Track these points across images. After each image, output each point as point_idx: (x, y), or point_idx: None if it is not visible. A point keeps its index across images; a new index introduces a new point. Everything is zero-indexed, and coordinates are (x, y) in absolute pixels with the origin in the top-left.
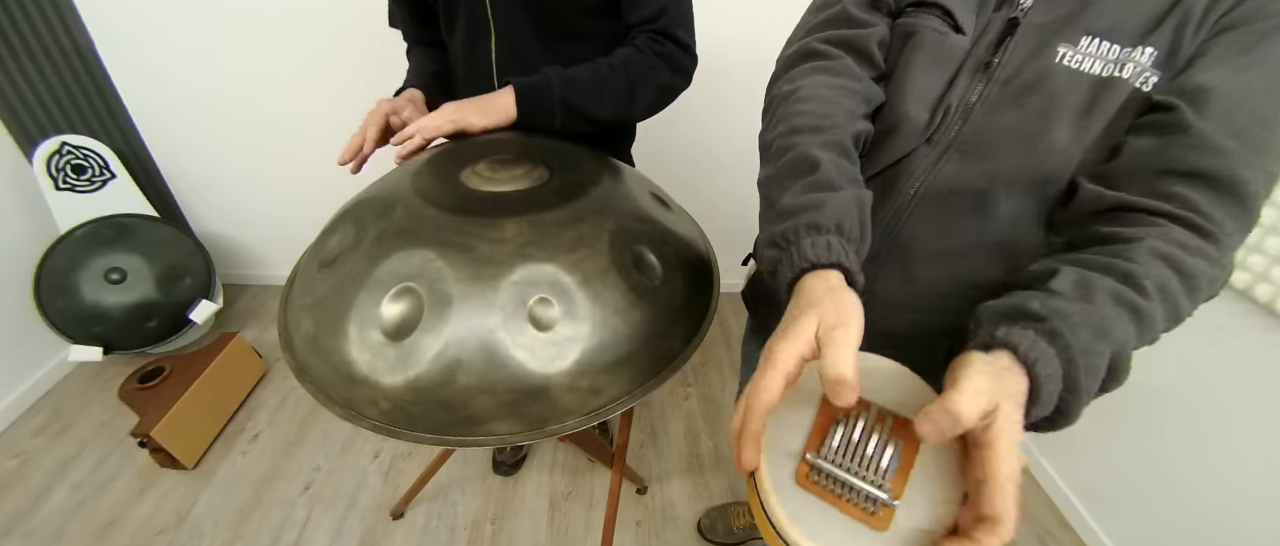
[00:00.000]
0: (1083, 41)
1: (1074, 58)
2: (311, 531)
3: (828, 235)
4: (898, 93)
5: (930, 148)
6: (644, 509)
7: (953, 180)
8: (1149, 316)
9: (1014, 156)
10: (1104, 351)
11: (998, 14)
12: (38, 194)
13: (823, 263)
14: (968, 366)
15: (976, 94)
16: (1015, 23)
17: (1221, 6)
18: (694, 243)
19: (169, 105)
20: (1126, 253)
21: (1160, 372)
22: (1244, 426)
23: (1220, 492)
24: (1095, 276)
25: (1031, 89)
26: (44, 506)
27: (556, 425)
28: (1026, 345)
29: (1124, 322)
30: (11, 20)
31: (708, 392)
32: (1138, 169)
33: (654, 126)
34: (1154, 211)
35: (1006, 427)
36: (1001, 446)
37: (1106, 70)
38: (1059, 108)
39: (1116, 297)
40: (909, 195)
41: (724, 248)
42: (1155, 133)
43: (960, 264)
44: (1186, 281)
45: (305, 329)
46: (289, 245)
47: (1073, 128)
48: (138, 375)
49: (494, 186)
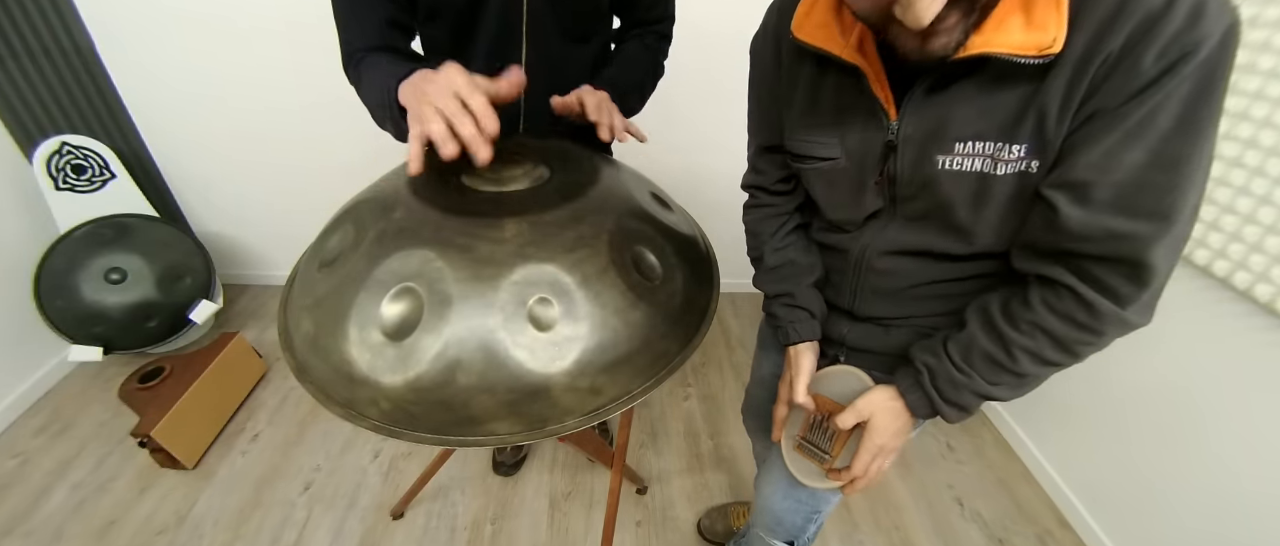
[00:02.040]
0: (956, 146)
1: (953, 162)
2: (311, 531)
3: (788, 330)
4: (822, 202)
5: (877, 219)
6: (644, 509)
7: (896, 242)
8: (1016, 372)
9: (934, 231)
10: (963, 392)
11: (876, 137)
12: (38, 194)
13: (790, 342)
14: (865, 396)
15: (886, 194)
16: (892, 145)
17: (1077, 97)
18: (694, 242)
19: (169, 105)
20: (1016, 323)
21: (1160, 373)
22: (1244, 426)
23: (1220, 492)
24: (982, 343)
25: (927, 188)
26: (44, 506)
27: (556, 425)
28: (904, 386)
29: (992, 374)
30: (11, 20)
31: (708, 392)
32: (1038, 247)
33: (654, 126)
34: (1054, 281)
35: (874, 426)
36: (868, 435)
37: (985, 166)
38: (953, 200)
39: (988, 358)
40: (865, 252)
41: (724, 248)
42: (1045, 224)
43: (916, 287)
44: (1059, 346)
45: (305, 329)
46: (289, 245)
47: (971, 213)
48: (138, 375)
49: (494, 186)
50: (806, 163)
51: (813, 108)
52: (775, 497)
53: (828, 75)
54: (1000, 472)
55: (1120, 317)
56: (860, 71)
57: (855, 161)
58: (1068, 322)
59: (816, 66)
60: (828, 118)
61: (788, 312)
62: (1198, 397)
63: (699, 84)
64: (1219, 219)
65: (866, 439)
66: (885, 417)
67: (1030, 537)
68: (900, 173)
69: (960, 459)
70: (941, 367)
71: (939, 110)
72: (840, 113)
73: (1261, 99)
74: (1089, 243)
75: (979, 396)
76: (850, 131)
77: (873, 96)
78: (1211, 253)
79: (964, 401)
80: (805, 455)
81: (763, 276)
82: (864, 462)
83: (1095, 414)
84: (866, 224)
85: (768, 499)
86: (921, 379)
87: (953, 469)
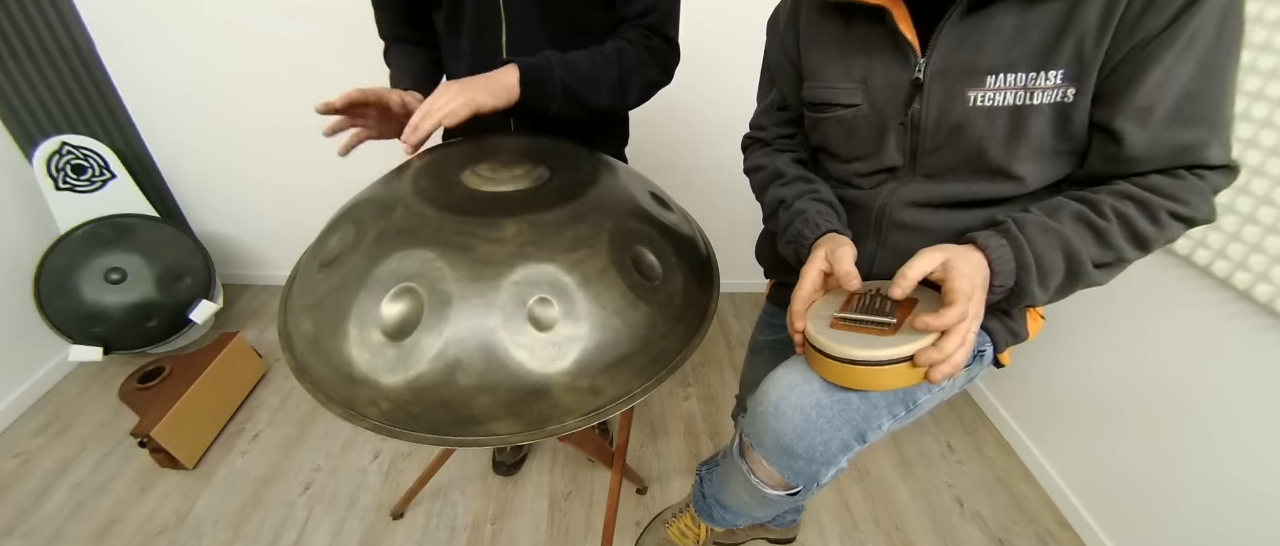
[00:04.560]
0: (988, 80)
1: (984, 97)
2: (311, 531)
3: (816, 221)
4: (835, 159)
5: (894, 177)
6: (644, 509)
7: (918, 196)
8: (1106, 232)
9: (964, 177)
10: (1053, 245)
11: (902, 76)
12: (38, 194)
13: (821, 233)
14: (930, 249)
15: (906, 147)
16: (919, 83)
17: (1116, 12)
18: (694, 242)
19: (169, 105)
20: (1100, 191)
21: (1160, 373)
22: (1244, 426)
23: (1220, 492)
24: (1070, 205)
25: (955, 134)
26: (44, 506)
27: (556, 425)
28: (984, 238)
29: (1080, 230)
30: (11, 20)
31: (708, 392)
32: (1099, 178)
33: (654, 126)
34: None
35: (955, 270)
36: (953, 275)
37: (1019, 99)
38: (985, 140)
39: (1077, 216)
40: (885, 207)
41: (724, 248)
42: (1106, 157)
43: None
44: (1146, 213)
45: (305, 329)
46: (289, 245)
47: (1005, 152)
48: (138, 375)
49: (494, 186)
50: (826, 111)
51: (838, 56)
52: (800, 406)
53: (853, 26)
54: (1000, 472)
55: (1200, 188)
56: (885, 11)
57: (878, 106)
58: (1151, 190)
59: (841, 19)
60: (852, 63)
61: (815, 206)
62: (1198, 397)
63: (699, 84)
64: (1219, 219)
65: (951, 282)
66: (966, 264)
67: (1030, 537)
68: (926, 116)
69: (960, 459)
70: (1030, 217)
71: (972, 39)
72: (866, 57)
73: (1261, 99)
74: (1153, 162)
75: (1066, 255)
76: (875, 73)
77: (899, 34)
78: (1211, 253)
79: (1051, 256)
80: (850, 329)
81: (779, 188)
82: (955, 314)
83: (1096, 414)
84: (885, 180)
85: (783, 407)
86: (1007, 227)
87: (953, 469)
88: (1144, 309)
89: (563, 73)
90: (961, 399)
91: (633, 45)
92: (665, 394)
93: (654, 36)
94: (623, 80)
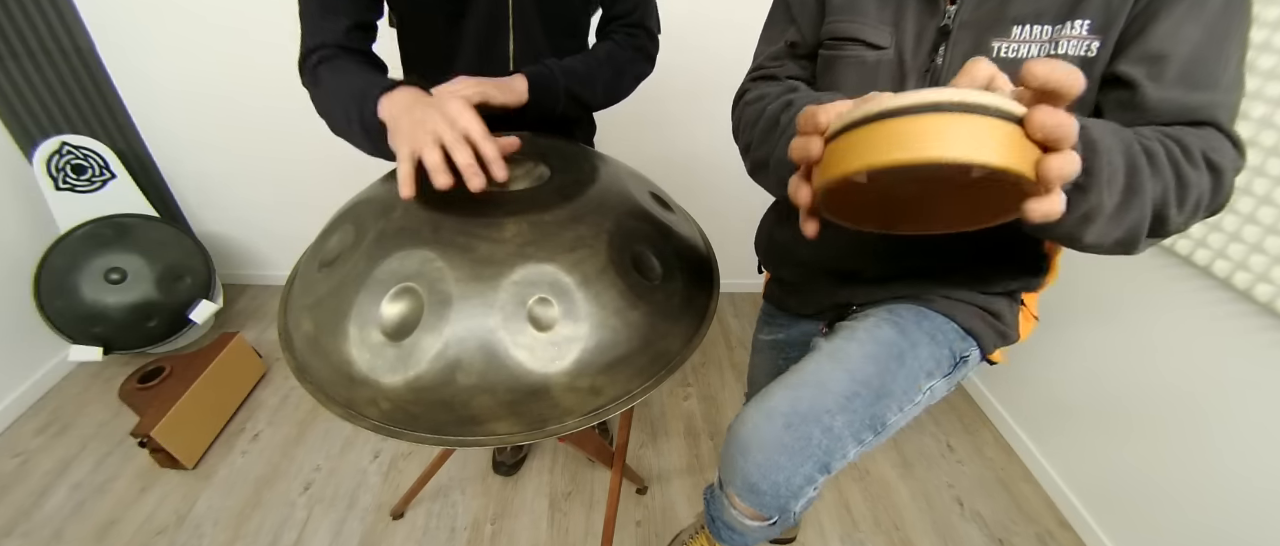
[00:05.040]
0: (1014, 31)
1: (1010, 48)
2: (311, 531)
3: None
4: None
5: None
6: (644, 509)
7: None
8: (1157, 155)
9: None
10: (1115, 146)
11: (929, 22)
12: (38, 194)
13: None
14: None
15: None
16: (946, 30)
17: None
18: (694, 242)
19: (169, 105)
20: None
21: (1160, 373)
22: (1244, 426)
23: (1220, 492)
24: (1122, 130)
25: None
26: (44, 506)
27: (556, 425)
28: None
29: (1133, 147)
30: (11, 20)
31: (708, 392)
32: None
33: (655, 127)
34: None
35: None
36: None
37: (1043, 51)
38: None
39: (1124, 136)
40: None
41: (724, 248)
42: (1121, 107)
43: None
44: (1180, 145)
45: (305, 329)
46: (289, 245)
47: None
48: (138, 375)
49: (493, 186)
50: (847, 48)
51: None
52: (763, 445)
53: None
54: (1000, 472)
55: (1223, 142)
56: None
57: (903, 51)
58: (1179, 133)
59: None
60: (886, 3)
61: (831, 95)
62: (1198, 397)
63: (698, 83)
64: (1219, 219)
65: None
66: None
67: (1030, 537)
68: (949, 66)
69: (960, 459)
70: (1095, 122)
71: None
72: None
73: (1261, 99)
74: (1166, 114)
75: (1126, 158)
76: (906, 17)
77: None
78: (1211, 253)
79: (1113, 152)
80: None
81: (789, 95)
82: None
83: (1095, 414)
84: None
85: (750, 446)
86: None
87: (953, 469)
88: (1144, 309)
89: (565, 79)
90: (961, 399)
91: (620, 46)
92: (665, 394)
93: (638, 32)
94: (616, 78)
